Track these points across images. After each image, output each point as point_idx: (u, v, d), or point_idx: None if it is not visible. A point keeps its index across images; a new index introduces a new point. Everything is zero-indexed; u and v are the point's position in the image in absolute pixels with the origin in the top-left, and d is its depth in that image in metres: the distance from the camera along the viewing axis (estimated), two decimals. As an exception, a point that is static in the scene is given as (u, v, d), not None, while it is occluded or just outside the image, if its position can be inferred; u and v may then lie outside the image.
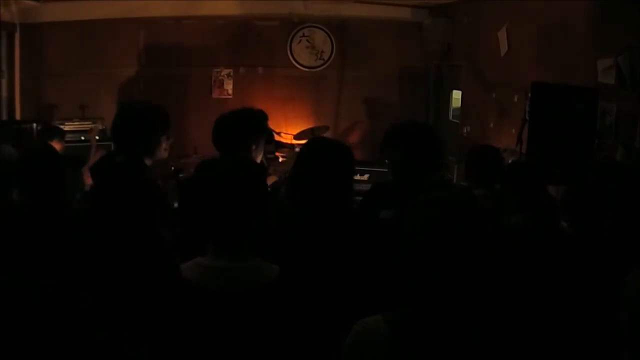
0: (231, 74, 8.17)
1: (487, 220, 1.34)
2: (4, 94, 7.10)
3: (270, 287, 1.73)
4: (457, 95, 7.68)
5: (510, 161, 4.41)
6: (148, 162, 2.86)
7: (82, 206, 3.24)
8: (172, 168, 5.48)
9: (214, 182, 1.76)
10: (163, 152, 2.89)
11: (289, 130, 7.63)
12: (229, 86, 8.18)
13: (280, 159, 6.23)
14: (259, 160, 3.22)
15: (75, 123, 6.85)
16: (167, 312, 1.71)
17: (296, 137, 7.35)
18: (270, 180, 4.69)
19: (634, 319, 1.43)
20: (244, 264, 1.74)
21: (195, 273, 1.73)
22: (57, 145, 4.66)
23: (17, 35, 7.27)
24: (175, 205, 2.99)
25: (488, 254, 1.29)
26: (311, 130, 7.39)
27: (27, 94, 7.43)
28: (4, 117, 7.02)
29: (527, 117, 4.48)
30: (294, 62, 8.26)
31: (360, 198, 2.91)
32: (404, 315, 1.37)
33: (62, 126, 6.29)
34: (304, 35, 8.25)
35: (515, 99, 5.68)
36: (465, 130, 7.19)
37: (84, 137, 6.68)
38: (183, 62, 7.87)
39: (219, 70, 8.14)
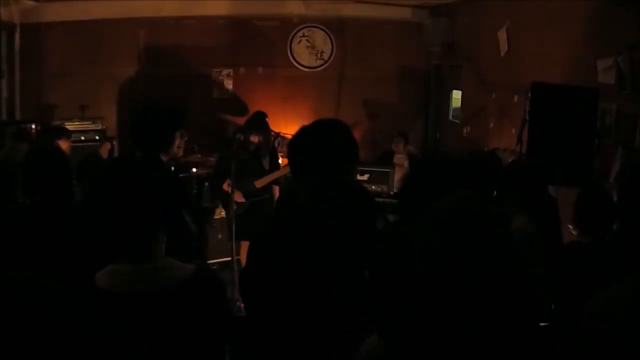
0: (231, 74, 8.16)
1: (492, 236, 1.30)
2: (4, 94, 7.10)
3: (180, 288, 1.72)
4: (457, 95, 7.68)
5: (509, 161, 4.40)
6: (164, 158, 3.02)
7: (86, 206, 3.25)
8: (172, 168, 5.48)
9: (109, 189, 1.73)
10: (177, 149, 3.07)
11: (289, 130, 7.62)
12: (229, 86, 8.18)
13: (281, 160, 6.22)
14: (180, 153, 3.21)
15: (75, 123, 6.84)
16: (80, 321, 1.71)
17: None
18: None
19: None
20: (149, 267, 1.72)
21: (106, 279, 1.71)
22: (63, 145, 4.66)
23: (17, 35, 7.27)
24: None
25: (483, 266, 1.26)
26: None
27: (27, 94, 7.43)
28: (4, 117, 7.02)
29: (527, 117, 4.48)
30: (294, 62, 8.26)
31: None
32: (400, 340, 1.33)
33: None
34: (304, 35, 8.25)
35: (515, 99, 5.68)
36: (465, 130, 7.19)
37: (84, 137, 6.69)
38: (183, 62, 7.87)
39: (219, 70, 8.14)
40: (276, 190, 5.67)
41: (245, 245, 5.00)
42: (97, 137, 6.88)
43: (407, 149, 6.91)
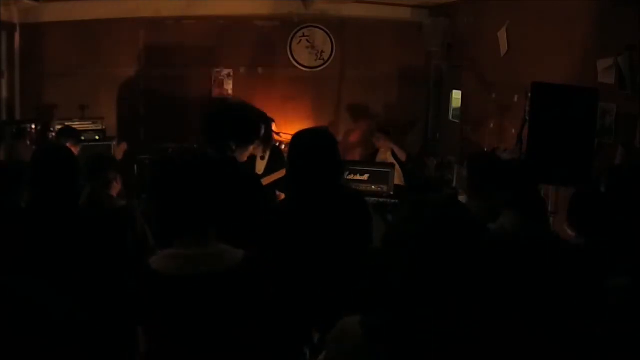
0: (231, 74, 8.17)
1: (472, 229, 1.32)
2: (4, 94, 7.11)
3: (234, 271, 1.81)
4: (457, 95, 7.68)
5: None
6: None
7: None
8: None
9: (174, 176, 1.84)
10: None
11: (289, 130, 7.62)
12: (229, 86, 8.18)
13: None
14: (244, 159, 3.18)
15: (75, 123, 6.83)
16: (139, 302, 1.80)
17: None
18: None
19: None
20: (207, 251, 1.82)
21: (162, 263, 1.81)
22: (71, 148, 4.66)
23: (17, 35, 7.28)
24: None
25: (470, 264, 1.27)
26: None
27: (27, 94, 7.43)
28: (4, 117, 7.02)
29: (527, 117, 4.48)
30: (294, 62, 8.26)
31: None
32: (378, 322, 1.35)
33: (60, 127, 6.29)
34: (304, 35, 8.25)
35: (515, 99, 5.68)
36: (465, 130, 7.19)
37: (84, 137, 6.69)
38: (183, 62, 7.87)
39: (219, 70, 8.14)
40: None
41: None
42: (97, 137, 6.88)
43: (389, 144, 6.58)
